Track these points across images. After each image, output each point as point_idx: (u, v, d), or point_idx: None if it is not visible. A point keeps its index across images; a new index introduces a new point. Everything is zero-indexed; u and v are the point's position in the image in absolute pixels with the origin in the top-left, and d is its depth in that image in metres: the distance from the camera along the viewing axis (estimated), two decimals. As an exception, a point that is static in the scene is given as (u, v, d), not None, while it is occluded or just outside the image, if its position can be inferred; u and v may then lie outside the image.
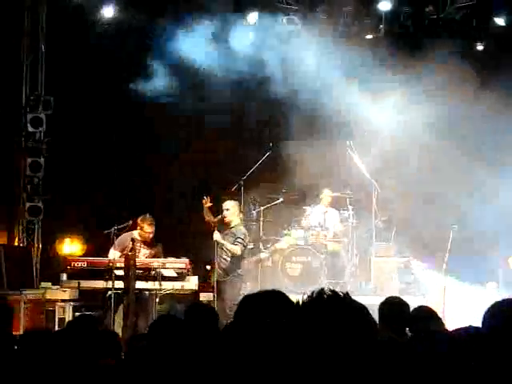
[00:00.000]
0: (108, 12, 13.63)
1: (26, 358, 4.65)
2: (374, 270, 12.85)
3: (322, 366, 2.60)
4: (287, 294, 3.15)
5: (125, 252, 10.69)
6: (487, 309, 3.97)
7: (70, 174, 13.55)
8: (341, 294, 2.69)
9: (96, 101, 13.62)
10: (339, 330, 2.60)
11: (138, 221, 10.94)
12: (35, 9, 13.50)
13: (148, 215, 11.00)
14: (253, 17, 13.73)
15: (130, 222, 10.99)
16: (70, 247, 13.91)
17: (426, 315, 5.83)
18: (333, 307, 2.66)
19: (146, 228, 10.90)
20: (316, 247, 12.73)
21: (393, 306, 5.89)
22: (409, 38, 13.89)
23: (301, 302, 2.74)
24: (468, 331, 3.84)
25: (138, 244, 10.90)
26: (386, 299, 6.05)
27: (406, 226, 12.78)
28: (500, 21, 13.63)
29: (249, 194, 12.72)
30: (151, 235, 10.98)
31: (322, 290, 2.71)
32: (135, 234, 11.00)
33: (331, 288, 2.72)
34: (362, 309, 2.68)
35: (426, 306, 6.32)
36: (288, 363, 2.78)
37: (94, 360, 4.15)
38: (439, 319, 5.83)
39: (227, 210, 11.25)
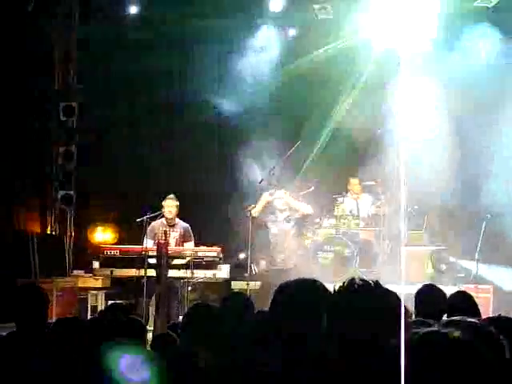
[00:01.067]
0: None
1: (56, 346, 4.67)
2: (406, 259, 12.78)
3: (352, 355, 2.59)
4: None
5: (156, 239, 10.78)
6: None
7: (103, 163, 13.61)
8: (371, 282, 2.69)
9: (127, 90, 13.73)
10: (371, 318, 2.59)
11: (162, 203, 11.06)
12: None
13: (171, 194, 11.12)
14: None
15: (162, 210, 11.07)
16: (103, 235, 13.98)
17: (463, 303, 5.78)
18: (364, 295, 2.65)
19: (167, 204, 11.01)
20: (347, 236, 12.70)
21: (429, 294, 5.87)
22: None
23: (333, 291, 2.74)
24: (498, 320, 3.79)
25: (167, 229, 10.97)
26: (422, 287, 6.02)
27: (439, 215, 12.67)
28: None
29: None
30: (173, 211, 11.06)
31: (353, 279, 2.71)
32: (162, 220, 11.10)
33: (362, 277, 2.72)
34: (392, 295, 2.67)
35: (464, 292, 6.27)
36: (321, 352, 2.77)
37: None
38: (476, 306, 5.77)
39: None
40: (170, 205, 11.09)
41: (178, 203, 11.17)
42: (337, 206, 13.01)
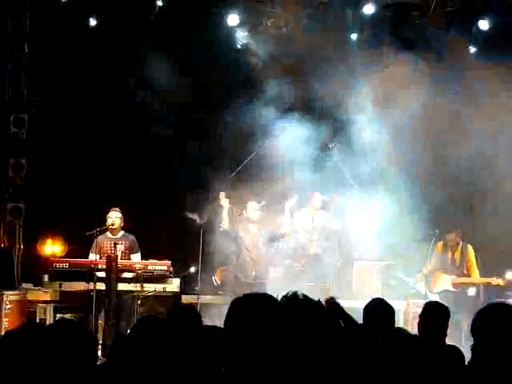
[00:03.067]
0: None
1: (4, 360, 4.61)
2: (356, 274, 12.88)
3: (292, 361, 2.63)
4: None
5: (102, 253, 10.76)
6: (476, 316, 3.99)
7: (52, 175, 13.52)
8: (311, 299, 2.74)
9: (75, 104, 13.68)
10: (310, 331, 2.63)
11: (106, 215, 11.07)
12: (19, 11, 13.48)
13: (115, 207, 11.14)
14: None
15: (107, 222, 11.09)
16: (52, 248, 13.85)
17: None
18: (305, 311, 2.70)
19: (110, 215, 11.03)
20: (298, 250, 12.74)
21: (377, 308, 5.92)
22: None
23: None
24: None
25: (114, 242, 10.96)
26: (371, 301, 6.08)
27: (390, 231, 12.76)
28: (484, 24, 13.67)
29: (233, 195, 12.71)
30: (116, 222, 11.06)
31: (295, 293, 2.76)
32: (107, 234, 11.10)
33: (304, 293, 2.76)
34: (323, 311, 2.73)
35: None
36: (267, 362, 2.79)
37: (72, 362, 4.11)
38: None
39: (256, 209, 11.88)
40: (114, 216, 11.10)
41: (121, 215, 11.17)
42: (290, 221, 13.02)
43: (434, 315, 6.01)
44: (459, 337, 9.35)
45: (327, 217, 13.18)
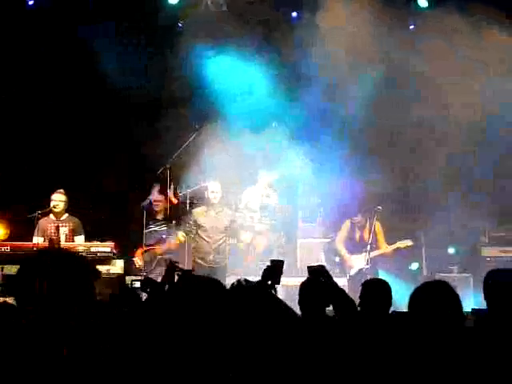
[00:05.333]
0: None
1: None
2: (300, 251, 12.98)
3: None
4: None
5: (46, 236, 10.67)
6: (413, 292, 4.09)
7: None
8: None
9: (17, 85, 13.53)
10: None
11: (51, 197, 11.00)
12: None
13: (59, 189, 11.06)
14: None
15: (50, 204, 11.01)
16: (-7, 231, 13.67)
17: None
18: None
19: (54, 198, 10.96)
20: (244, 228, 12.78)
21: (314, 285, 5.98)
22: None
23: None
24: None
25: (57, 224, 10.89)
26: (307, 279, 6.13)
27: (334, 208, 12.86)
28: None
29: (176, 177, 12.70)
30: (61, 205, 11.01)
31: (239, 281, 2.82)
32: (51, 216, 11.02)
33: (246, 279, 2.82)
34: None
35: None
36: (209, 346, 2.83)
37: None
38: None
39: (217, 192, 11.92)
40: (58, 199, 11.02)
41: (65, 198, 11.09)
42: (239, 200, 13.09)
43: (374, 291, 6.14)
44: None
45: (272, 194, 13.25)
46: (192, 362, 2.81)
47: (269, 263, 5.70)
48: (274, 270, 5.28)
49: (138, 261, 12.22)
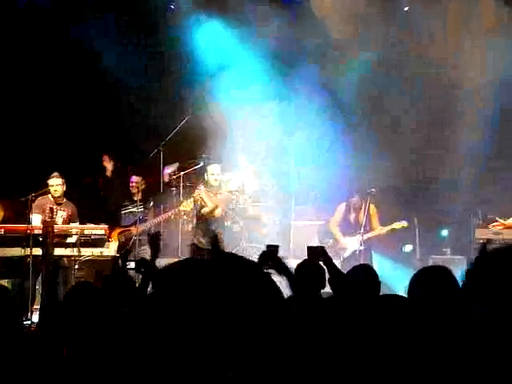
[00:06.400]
0: None
1: None
2: (293, 233, 13.00)
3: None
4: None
5: (44, 215, 10.69)
6: (413, 276, 4.11)
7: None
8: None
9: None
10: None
11: (47, 181, 10.99)
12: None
13: (55, 173, 11.05)
14: None
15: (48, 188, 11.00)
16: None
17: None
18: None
19: (52, 183, 10.96)
20: (236, 212, 12.79)
21: (308, 268, 6.00)
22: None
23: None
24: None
25: (55, 207, 10.90)
26: (303, 261, 6.15)
27: (328, 190, 12.86)
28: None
29: (168, 159, 12.71)
30: (59, 189, 11.02)
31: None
32: (49, 197, 11.02)
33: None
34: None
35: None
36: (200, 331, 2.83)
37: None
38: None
39: (218, 174, 11.90)
40: (55, 184, 11.02)
41: (62, 181, 11.10)
42: (225, 183, 13.08)
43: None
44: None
45: (265, 177, 13.28)
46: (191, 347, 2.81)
47: (263, 247, 5.71)
48: (270, 254, 5.29)
49: (114, 242, 12.19)
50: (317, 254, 5.98)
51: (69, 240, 10.34)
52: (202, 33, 13.62)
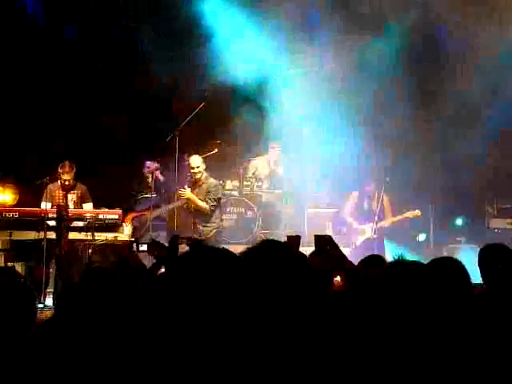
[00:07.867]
0: None
1: None
2: (308, 220, 12.98)
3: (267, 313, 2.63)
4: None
5: (54, 202, 10.70)
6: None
7: (2, 123, 13.35)
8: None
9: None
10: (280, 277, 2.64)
11: (58, 169, 10.97)
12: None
13: (66, 162, 11.03)
14: None
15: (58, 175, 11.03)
16: (2, 196, 13.68)
17: None
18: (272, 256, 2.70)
19: (64, 175, 10.94)
20: (250, 198, 12.79)
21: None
22: None
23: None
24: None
25: (64, 192, 10.92)
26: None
27: (342, 177, 12.83)
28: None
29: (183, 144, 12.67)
30: (68, 182, 10.99)
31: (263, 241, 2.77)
32: (59, 183, 11.04)
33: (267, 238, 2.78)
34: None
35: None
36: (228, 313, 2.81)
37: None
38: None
39: (198, 167, 11.47)
40: (67, 178, 10.98)
41: (74, 171, 11.05)
42: (244, 169, 13.12)
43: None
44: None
45: (280, 164, 13.27)
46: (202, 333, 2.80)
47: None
48: (291, 246, 5.25)
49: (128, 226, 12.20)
50: (324, 242, 5.95)
51: (83, 224, 10.34)
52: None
